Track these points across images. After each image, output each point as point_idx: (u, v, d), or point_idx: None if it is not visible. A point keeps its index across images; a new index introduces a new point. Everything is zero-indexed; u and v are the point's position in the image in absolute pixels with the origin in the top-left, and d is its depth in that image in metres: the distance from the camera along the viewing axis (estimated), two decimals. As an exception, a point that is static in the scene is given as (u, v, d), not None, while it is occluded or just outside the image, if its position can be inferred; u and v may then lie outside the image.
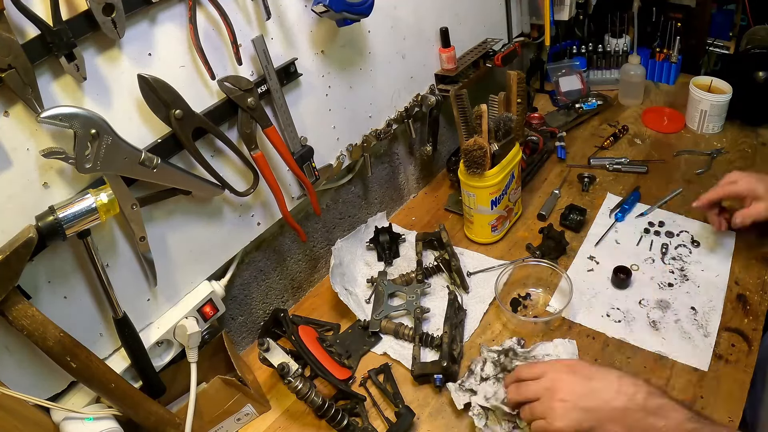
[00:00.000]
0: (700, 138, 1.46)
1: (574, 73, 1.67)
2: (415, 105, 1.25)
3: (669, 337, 0.99)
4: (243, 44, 0.85)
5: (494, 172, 1.12)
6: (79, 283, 0.77)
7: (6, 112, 0.64)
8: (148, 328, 0.88)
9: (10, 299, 0.66)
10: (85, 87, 0.70)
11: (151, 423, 0.81)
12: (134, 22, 0.72)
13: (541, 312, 1.08)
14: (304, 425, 0.95)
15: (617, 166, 1.38)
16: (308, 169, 1.03)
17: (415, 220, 1.34)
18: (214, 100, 0.85)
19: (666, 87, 1.68)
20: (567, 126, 1.54)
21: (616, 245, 1.19)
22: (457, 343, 1.00)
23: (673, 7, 1.62)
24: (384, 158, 1.29)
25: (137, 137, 0.76)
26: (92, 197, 0.70)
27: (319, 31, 0.98)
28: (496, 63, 1.34)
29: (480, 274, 1.16)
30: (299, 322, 1.09)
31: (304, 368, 0.92)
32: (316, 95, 1.03)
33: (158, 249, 0.85)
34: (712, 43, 1.69)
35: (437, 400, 0.95)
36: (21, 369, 0.73)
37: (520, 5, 1.51)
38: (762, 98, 1.40)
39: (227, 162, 0.90)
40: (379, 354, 1.03)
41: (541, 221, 1.27)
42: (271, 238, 1.08)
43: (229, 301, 1.03)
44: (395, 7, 1.13)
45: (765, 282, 1.06)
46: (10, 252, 0.64)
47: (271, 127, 0.91)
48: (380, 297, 1.10)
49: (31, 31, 0.63)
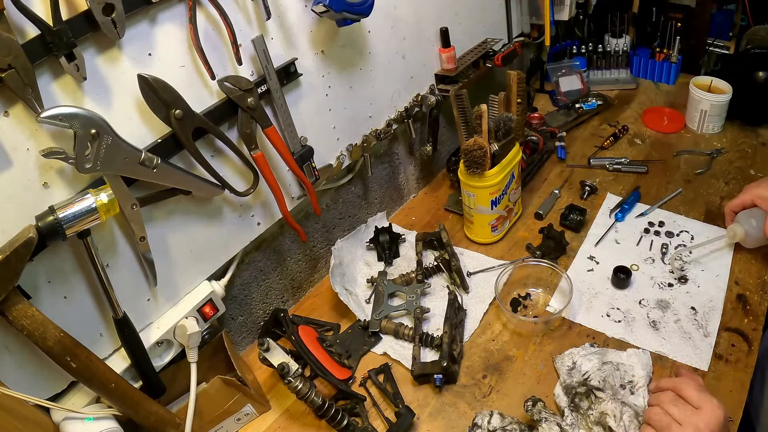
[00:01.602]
0: (700, 138, 1.46)
1: (574, 73, 1.67)
2: (415, 105, 1.25)
3: (669, 337, 0.99)
4: (243, 44, 0.85)
5: (494, 172, 1.12)
6: (79, 283, 0.77)
7: (6, 112, 0.64)
8: (148, 328, 0.88)
9: (10, 299, 0.66)
10: (85, 87, 0.70)
11: (151, 423, 0.81)
12: (134, 22, 0.72)
13: (541, 312, 1.08)
14: (304, 425, 0.95)
15: (617, 166, 1.38)
16: (308, 169, 1.03)
17: (415, 220, 1.34)
18: (214, 100, 0.85)
19: (666, 87, 1.68)
20: (567, 126, 1.54)
21: (616, 245, 1.19)
22: (457, 343, 1.00)
23: (673, 7, 1.62)
24: (384, 158, 1.29)
25: (137, 137, 0.76)
26: (92, 197, 0.70)
27: (319, 31, 0.98)
28: (496, 63, 1.34)
29: (480, 274, 1.16)
30: (299, 322, 1.09)
31: (304, 368, 0.92)
32: (316, 95, 1.03)
33: (158, 249, 0.85)
34: (712, 43, 1.69)
35: (437, 400, 0.95)
36: (21, 369, 0.73)
37: (520, 5, 1.51)
38: (762, 98, 1.40)
39: (227, 162, 0.90)
40: (379, 354, 1.04)
41: (539, 220, 1.27)
42: (271, 238, 1.08)
43: (229, 301, 1.03)
44: (395, 7, 1.13)
45: (765, 282, 1.06)
46: (10, 252, 0.64)
47: (271, 127, 0.91)
48: (380, 297, 1.10)
49: (31, 31, 0.63)
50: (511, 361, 0.99)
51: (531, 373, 0.97)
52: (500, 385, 0.96)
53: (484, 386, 0.96)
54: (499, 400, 0.94)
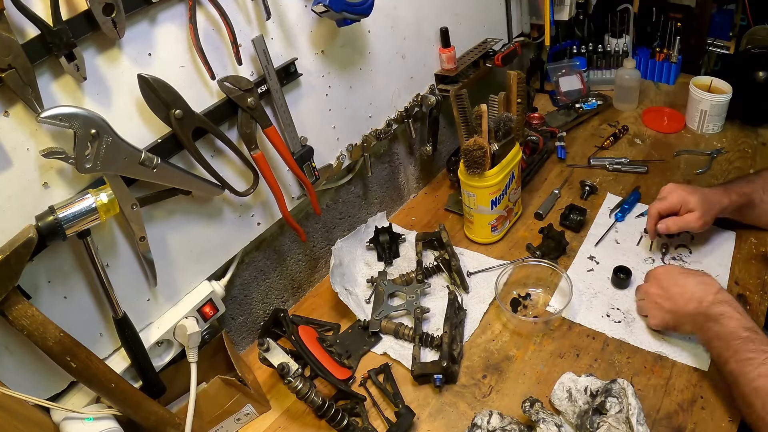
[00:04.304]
0: (700, 138, 1.46)
1: (574, 73, 1.67)
2: (415, 105, 1.25)
3: (669, 337, 0.98)
4: (243, 44, 0.85)
5: (494, 172, 1.12)
6: (79, 283, 0.77)
7: (6, 112, 0.64)
8: (148, 328, 0.88)
9: (10, 299, 0.66)
10: (85, 87, 0.70)
11: (151, 423, 0.81)
12: (134, 22, 0.72)
13: (541, 312, 1.08)
14: (304, 425, 0.95)
15: (617, 166, 1.38)
16: (308, 169, 1.03)
17: (415, 220, 1.34)
18: (214, 100, 0.85)
19: (666, 87, 1.68)
20: (567, 126, 1.54)
21: (616, 245, 1.19)
22: (457, 343, 1.00)
23: (673, 7, 1.62)
24: (384, 158, 1.29)
25: (137, 137, 0.76)
26: (92, 197, 0.70)
27: (319, 31, 0.98)
28: (496, 63, 1.34)
29: (480, 274, 1.16)
30: (299, 322, 1.09)
31: (304, 368, 0.92)
32: (316, 95, 1.03)
33: (158, 249, 0.85)
34: (712, 43, 1.69)
35: (437, 400, 0.95)
36: (21, 369, 0.73)
37: (520, 5, 1.52)
38: (762, 98, 1.40)
39: (227, 162, 0.90)
40: (379, 354, 1.03)
41: (539, 220, 1.27)
42: (271, 238, 1.08)
43: (229, 301, 1.03)
44: (395, 7, 1.13)
45: (765, 282, 1.06)
46: (10, 252, 0.64)
47: (271, 127, 0.91)
48: (380, 297, 1.10)
49: (31, 31, 0.63)
50: (511, 361, 0.99)
51: (531, 373, 0.97)
52: (500, 385, 0.96)
53: (484, 386, 0.96)
54: (499, 400, 0.94)
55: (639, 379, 0.93)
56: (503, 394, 0.94)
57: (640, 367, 0.95)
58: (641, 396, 0.88)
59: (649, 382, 0.92)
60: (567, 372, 0.90)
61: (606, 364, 0.96)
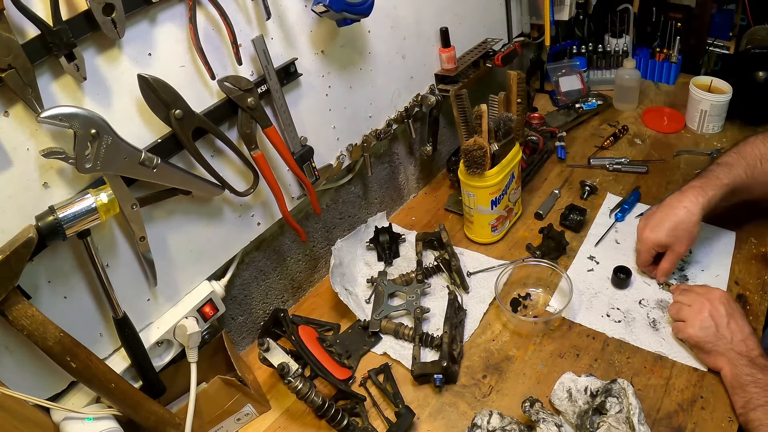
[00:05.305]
0: (700, 138, 1.46)
1: (574, 73, 1.67)
2: (415, 105, 1.25)
3: (669, 337, 0.99)
4: (243, 44, 0.85)
5: (494, 172, 1.12)
6: (79, 283, 0.77)
7: (6, 112, 0.64)
8: (148, 328, 0.88)
9: (10, 299, 0.66)
10: (85, 87, 0.70)
11: (151, 423, 0.81)
12: (134, 22, 0.72)
13: (541, 312, 1.08)
14: (304, 425, 0.95)
15: (617, 166, 1.38)
16: (308, 169, 1.03)
17: (415, 220, 1.34)
18: (214, 100, 0.85)
19: (666, 87, 1.68)
20: (567, 126, 1.54)
21: (616, 245, 1.19)
22: (457, 343, 1.00)
23: (673, 7, 1.62)
24: (384, 158, 1.29)
25: (137, 137, 0.76)
26: (92, 197, 0.70)
27: (319, 31, 0.98)
28: (496, 63, 1.34)
29: (480, 274, 1.16)
30: (299, 322, 1.09)
31: (304, 368, 0.92)
32: (316, 95, 1.03)
33: (158, 249, 0.85)
34: (712, 43, 1.69)
35: (437, 400, 0.95)
36: (21, 369, 0.73)
37: (520, 5, 1.51)
38: (762, 98, 1.40)
39: (227, 162, 0.90)
40: (379, 354, 1.03)
41: (539, 220, 1.27)
42: (271, 238, 1.08)
43: (229, 301, 1.03)
44: (395, 7, 1.13)
45: (765, 282, 1.06)
46: (10, 252, 0.64)
47: (271, 127, 0.91)
48: (380, 297, 1.10)
49: (31, 31, 0.63)
50: (511, 361, 0.99)
51: (531, 373, 0.97)
52: (500, 385, 0.96)
53: (484, 386, 0.96)
54: (499, 400, 0.94)
55: (639, 379, 0.93)
56: (503, 394, 0.94)
57: (640, 367, 0.95)
58: (641, 396, 0.88)
59: (649, 382, 0.92)
60: (567, 372, 0.90)
61: (606, 364, 0.96)
